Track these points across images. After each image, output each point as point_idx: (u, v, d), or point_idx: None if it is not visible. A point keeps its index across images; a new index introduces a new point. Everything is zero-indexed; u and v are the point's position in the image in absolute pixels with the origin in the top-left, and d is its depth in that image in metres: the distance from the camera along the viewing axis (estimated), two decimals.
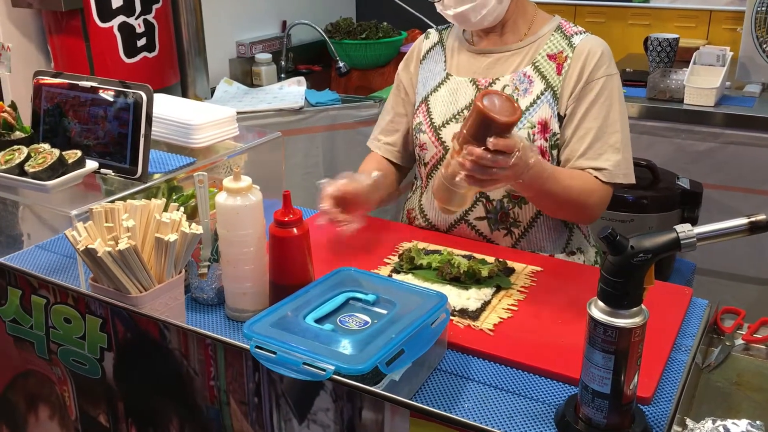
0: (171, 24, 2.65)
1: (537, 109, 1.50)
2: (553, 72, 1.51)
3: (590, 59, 1.50)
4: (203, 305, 1.32)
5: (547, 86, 1.51)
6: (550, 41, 1.54)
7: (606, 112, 1.49)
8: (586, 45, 1.51)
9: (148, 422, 1.18)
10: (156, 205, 1.18)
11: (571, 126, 1.50)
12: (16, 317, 1.23)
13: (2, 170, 1.36)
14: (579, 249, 1.61)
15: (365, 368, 0.92)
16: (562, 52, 1.52)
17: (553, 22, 1.58)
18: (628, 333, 0.91)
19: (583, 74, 1.50)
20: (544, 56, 1.53)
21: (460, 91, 1.58)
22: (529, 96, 1.51)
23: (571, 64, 1.51)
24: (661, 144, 2.62)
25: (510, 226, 1.56)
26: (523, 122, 1.50)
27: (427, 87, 1.64)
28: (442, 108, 1.59)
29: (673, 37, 2.87)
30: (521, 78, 1.53)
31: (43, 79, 1.50)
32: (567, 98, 1.50)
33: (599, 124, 1.49)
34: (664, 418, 1.02)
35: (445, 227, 1.62)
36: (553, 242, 1.58)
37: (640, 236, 0.91)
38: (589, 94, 1.49)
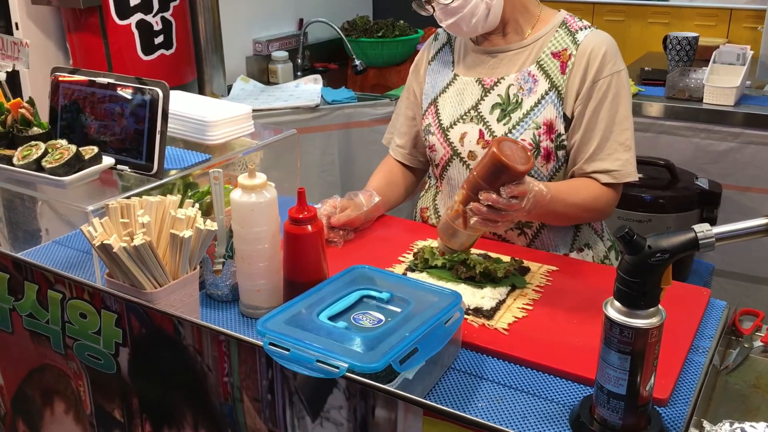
0: (188, 22, 2.67)
1: (542, 110, 1.49)
2: (557, 71, 1.50)
3: (594, 58, 1.48)
4: (218, 302, 1.32)
5: (551, 86, 1.50)
6: (555, 38, 1.52)
7: (614, 110, 1.48)
8: (589, 43, 1.49)
9: (162, 418, 1.18)
10: (171, 202, 1.19)
11: (580, 128, 1.49)
12: (32, 312, 1.24)
13: (20, 165, 1.37)
14: (587, 245, 1.60)
15: (379, 366, 0.92)
16: (566, 50, 1.50)
17: (557, 17, 1.56)
18: (644, 333, 0.90)
19: (588, 74, 1.48)
20: (549, 54, 1.52)
21: (466, 92, 1.58)
22: (533, 96, 1.50)
23: (575, 63, 1.49)
24: (679, 144, 2.60)
25: (523, 226, 1.55)
26: (528, 123, 1.49)
27: (435, 89, 1.65)
28: (449, 109, 1.59)
29: (692, 36, 2.85)
30: (526, 77, 1.52)
31: (61, 75, 1.51)
32: (573, 99, 1.49)
33: (607, 124, 1.48)
34: (680, 420, 1.01)
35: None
36: (562, 239, 1.58)
37: (657, 236, 0.90)
38: (596, 95, 1.48)
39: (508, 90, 1.53)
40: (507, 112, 1.52)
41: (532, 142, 1.49)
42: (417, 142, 1.73)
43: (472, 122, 1.55)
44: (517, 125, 1.50)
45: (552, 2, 1.61)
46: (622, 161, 1.48)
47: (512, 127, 1.50)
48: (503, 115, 1.52)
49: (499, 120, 1.52)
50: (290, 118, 2.72)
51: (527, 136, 1.48)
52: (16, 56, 1.55)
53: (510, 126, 1.51)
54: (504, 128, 1.51)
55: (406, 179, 1.75)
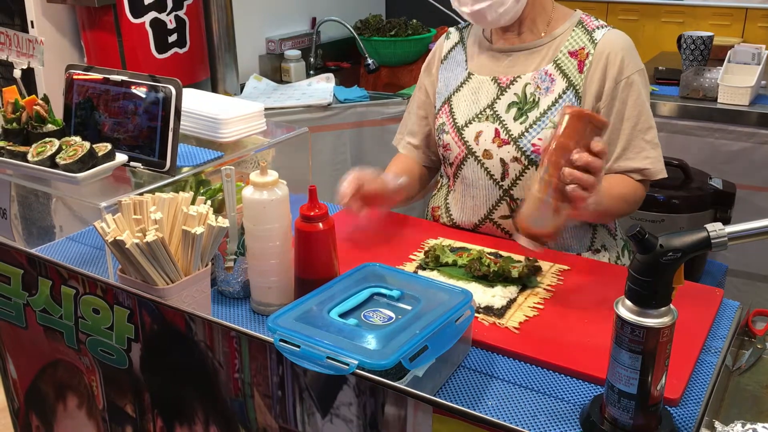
0: (202, 20, 2.68)
1: (559, 108, 1.48)
2: (574, 70, 1.50)
3: (614, 57, 1.47)
4: (229, 298, 1.32)
5: (569, 85, 1.49)
6: (572, 37, 1.52)
7: (639, 109, 1.48)
8: (608, 42, 1.49)
9: (173, 413, 1.19)
10: (184, 199, 1.19)
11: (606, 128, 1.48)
12: (46, 307, 1.25)
13: (34, 162, 1.39)
14: (603, 246, 1.60)
15: (389, 363, 0.92)
16: (583, 49, 1.50)
17: (573, 17, 1.55)
18: (656, 333, 0.90)
19: (608, 74, 1.47)
20: (566, 53, 1.51)
21: (482, 90, 1.57)
22: (551, 95, 1.50)
23: (593, 62, 1.48)
24: (693, 143, 2.58)
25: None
26: (545, 122, 1.49)
27: (449, 87, 1.63)
28: (464, 108, 1.58)
29: (707, 35, 2.83)
30: (543, 76, 1.51)
31: (75, 72, 1.52)
32: (592, 98, 1.49)
33: (633, 124, 1.48)
34: (692, 420, 1.01)
35: (470, 227, 1.61)
36: (579, 241, 1.57)
37: (669, 235, 0.89)
38: (620, 95, 1.48)
39: (524, 89, 1.52)
40: (524, 111, 1.51)
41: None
42: (429, 141, 1.72)
43: (488, 121, 1.54)
44: (534, 124, 1.49)
45: (566, 1, 1.60)
46: (651, 159, 1.49)
47: (529, 126, 1.50)
48: (520, 114, 1.51)
49: (515, 119, 1.51)
50: (302, 117, 2.72)
51: (544, 135, 1.48)
52: (32, 54, 1.56)
53: (527, 125, 1.50)
54: (521, 127, 1.50)
55: (421, 174, 1.74)
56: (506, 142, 1.51)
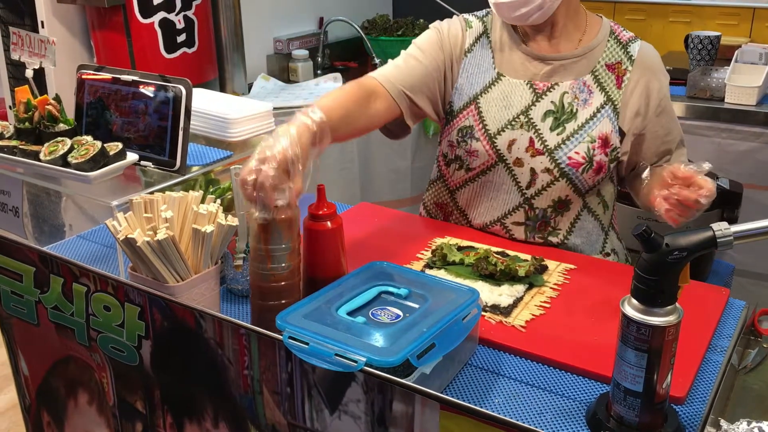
0: (210, 20, 2.69)
1: (597, 123, 1.47)
2: (612, 85, 1.48)
3: (654, 78, 1.50)
4: (238, 296, 1.33)
5: (607, 99, 1.48)
6: (608, 49, 1.50)
7: (674, 117, 1.54)
8: (645, 59, 1.50)
9: (183, 410, 1.20)
10: (193, 197, 1.20)
11: (653, 143, 1.52)
12: (57, 304, 1.26)
13: (47, 161, 1.40)
14: (613, 250, 1.60)
15: (396, 360, 0.93)
16: (620, 63, 1.49)
17: (604, 27, 1.53)
18: (661, 331, 0.90)
19: (650, 94, 1.49)
20: (603, 66, 1.49)
21: (514, 95, 1.50)
22: (588, 108, 1.48)
23: (631, 78, 1.48)
24: (700, 143, 2.58)
25: (548, 235, 1.52)
26: (583, 136, 1.47)
27: (474, 86, 1.53)
28: (495, 113, 1.50)
29: (714, 35, 2.82)
30: (581, 87, 1.49)
31: (87, 73, 1.53)
32: (632, 114, 1.49)
33: (677, 132, 1.55)
34: (697, 418, 1.01)
35: (480, 226, 1.58)
36: (591, 245, 1.56)
37: (675, 234, 0.90)
38: (665, 112, 1.51)
39: (562, 98, 1.48)
40: (561, 122, 1.47)
41: (585, 155, 1.46)
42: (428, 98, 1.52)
43: (522, 129, 1.48)
44: (572, 136, 1.47)
45: None
46: (685, 154, 1.56)
47: (566, 138, 1.47)
48: (557, 124, 1.48)
49: (552, 129, 1.48)
50: None
51: (581, 149, 1.46)
52: (43, 54, 1.57)
53: (564, 136, 1.47)
54: (557, 138, 1.47)
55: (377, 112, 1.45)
56: (540, 153, 1.47)
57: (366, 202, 1.78)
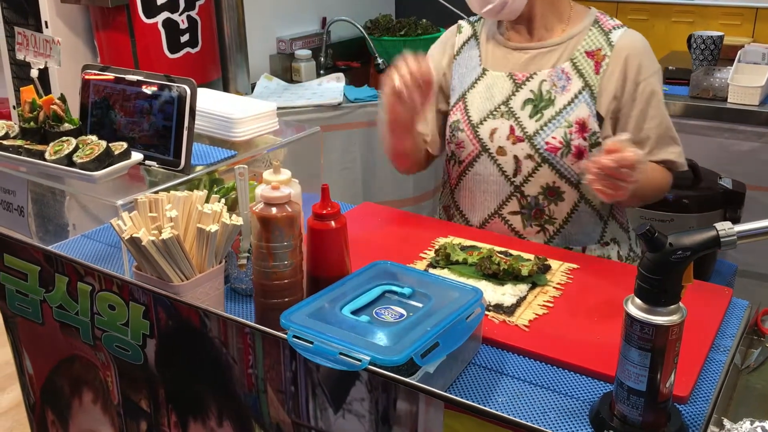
0: (213, 20, 2.70)
1: (575, 108, 1.50)
2: (591, 70, 1.51)
3: (633, 59, 1.50)
4: (242, 295, 1.34)
5: (585, 85, 1.51)
6: (588, 37, 1.54)
7: (662, 108, 1.53)
8: (626, 44, 1.51)
9: (187, 408, 1.20)
10: (198, 197, 1.21)
11: (629, 128, 1.51)
12: (62, 303, 1.27)
13: (52, 161, 1.41)
14: (613, 240, 1.61)
15: (400, 359, 0.93)
16: (600, 50, 1.52)
17: (589, 16, 1.57)
18: (665, 331, 0.90)
19: (627, 76, 1.50)
20: (582, 53, 1.53)
21: (496, 87, 1.57)
22: (567, 94, 1.51)
23: (611, 63, 1.50)
24: (703, 143, 2.58)
25: (544, 223, 1.56)
26: (560, 121, 1.50)
27: (463, 83, 1.63)
28: (479, 104, 1.58)
29: (717, 35, 2.82)
30: (559, 74, 1.53)
31: (92, 72, 1.54)
32: (609, 98, 1.50)
33: (659, 122, 1.52)
34: (700, 417, 1.01)
35: (479, 222, 1.62)
36: (587, 235, 1.58)
37: (679, 233, 0.90)
38: (642, 96, 1.51)
39: (540, 86, 1.53)
40: (539, 109, 1.52)
41: (562, 140, 1.50)
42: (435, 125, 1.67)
43: (503, 117, 1.55)
44: (549, 122, 1.51)
45: (580, 0, 1.61)
46: (676, 152, 1.55)
47: (544, 124, 1.51)
48: (535, 111, 1.52)
49: (531, 116, 1.53)
50: (313, 116, 2.74)
51: (558, 134, 1.50)
52: (48, 54, 1.58)
53: (542, 123, 1.51)
54: (536, 125, 1.52)
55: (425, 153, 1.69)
56: (521, 140, 1.53)
57: (369, 202, 1.79)
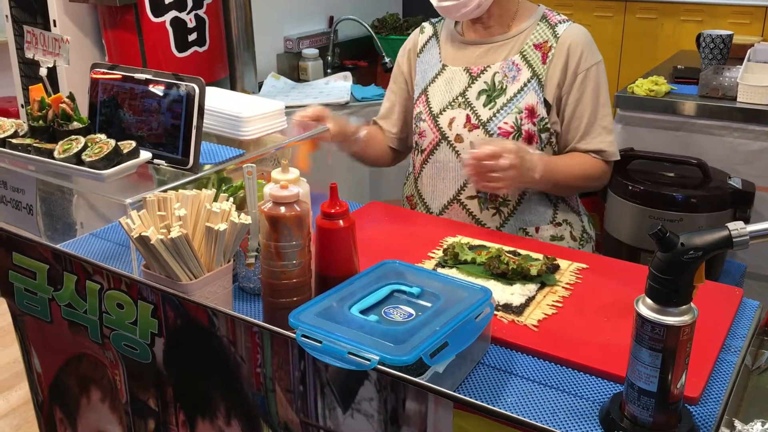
0: (221, 19, 2.70)
1: (524, 96, 1.62)
2: (538, 61, 1.64)
3: (573, 51, 1.62)
4: (250, 294, 1.34)
5: (533, 74, 1.63)
6: (536, 31, 1.66)
7: (596, 98, 1.64)
8: (568, 36, 1.64)
9: (195, 407, 1.20)
10: (206, 196, 1.21)
11: (566, 115, 1.65)
12: (71, 302, 1.27)
13: (61, 159, 1.41)
14: (565, 221, 1.73)
15: (409, 359, 0.93)
16: (546, 42, 1.64)
17: (537, 12, 1.69)
18: (676, 331, 0.90)
19: (568, 66, 1.62)
20: (531, 45, 1.65)
21: (455, 80, 1.70)
22: (517, 83, 1.64)
23: (555, 54, 1.63)
24: (712, 143, 2.57)
25: (499, 205, 1.67)
26: (511, 108, 1.62)
27: (425, 78, 1.76)
28: (439, 97, 1.71)
29: (726, 34, 2.81)
30: (510, 66, 1.65)
31: (100, 71, 1.54)
32: (554, 86, 1.63)
33: (591, 111, 1.64)
34: (711, 418, 1.01)
35: (439, 209, 1.72)
36: (540, 216, 1.70)
37: (690, 233, 0.90)
38: (579, 85, 1.63)
39: (493, 77, 1.66)
40: (492, 98, 1.64)
41: (513, 125, 1.62)
42: (404, 126, 1.86)
43: (460, 108, 1.67)
44: (501, 110, 1.63)
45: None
46: (607, 143, 1.66)
47: (496, 112, 1.63)
48: (489, 100, 1.65)
49: (484, 105, 1.65)
50: None
51: (510, 120, 1.62)
52: (57, 52, 1.58)
53: (494, 110, 1.63)
54: (489, 112, 1.64)
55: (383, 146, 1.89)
56: (476, 127, 1.65)
57: (376, 201, 1.79)
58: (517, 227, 1.68)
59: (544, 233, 1.69)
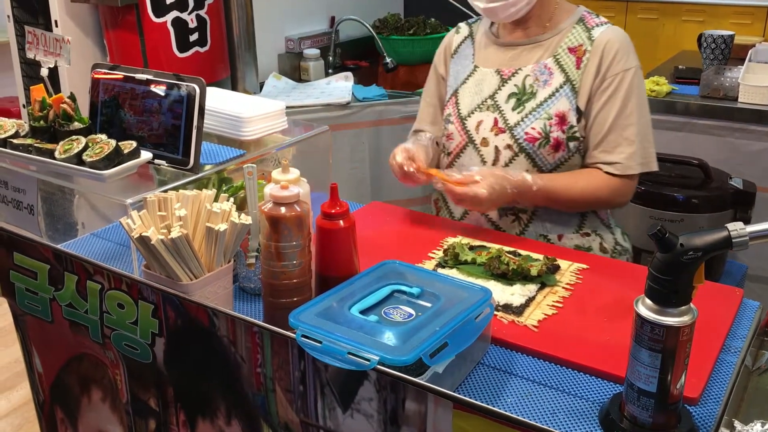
0: (222, 19, 2.70)
1: (555, 102, 1.55)
2: (572, 65, 1.56)
3: (607, 54, 1.54)
4: (250, 295, 1.34)
5: (566, 79, 1.56)
6: (572, 34, 1.59)
7: (621, 105, 1.54)
8: (603, 39, 1.55)
9: (196, 407, 1.21)
10: (207, 196, 1.21)
11: (589, 120, 1.56)
12: (72, 302, 1.27)
13: (61, 159, 1.41)
14: (594, 231, 1.65)
15: (409, 359, 0.93)
16: (581, 46, 1.57)
17: (575, 14, 1.62)
18: (676, 332, 0.90)
19: (600, 69, 1.55)
20: (565, 49, 1.58)
21: (485, 82, 1.65)
22: (548, 88, 1.57)
23: (590, 59, 1.55)
24: (713, 143, 2.57)
25: (518, 212, 1.61)
26: (540, 113, 1.56)
27: (457, 80, 1.71)
28: (468, 99, 1.66)
29: (728, 34, 2.81)
30: (542, 69, 1.58)
31: (101, 71, 1.54)
32: (587, 93, 1.55)
33: (614, 118, 1.54)
34: (711, 418, 1.01)
35: (460, 213, 1.69)
36: (564, 224, 1.62)
37: (690, 234, 0.90)
38: (607, 90, 1.54)
39: (524, 80, 1.59)
40: (522, 102, 1.58)
41: (541, 131, 1.55)
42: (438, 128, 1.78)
43: (488, 111, 1.62)
44: (530, 114, 1.57)
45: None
46: (625, 155, 1.54)
47: (525, 116, 1.57)
48: (518, 104, 1.59)
49: (513, 109, 1.59)
50: (321, 115, 2.74)
51: (538, 125, 1.55)
52: (58, 53, 1.58)
53: (523, 115, 1.57)
54: (517, 117, 1.58)
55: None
56: (502, 131, 1.59)
57: (377, 201, 1.79)
58: (537, 234, 1.61)
59: (567, 242, 1.61)
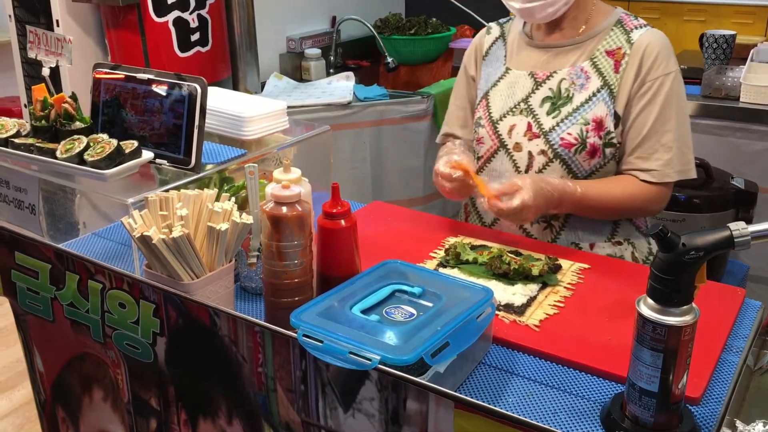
0: (224, 19, 2.70)
1: (592, 107, 1.50)
2: (610, 69, 1.51)
3: (647, 58, 1.49)
4: (251, 294, 1.34)
5: (604, 84, 1.51)
6: (610, 36, 1.54)
7: (659, 111, 1.49)
8: (643, 42, 1.50)
9: (197, 406, 1.21)
10: (208, 195, 1.21)
11: (626, 125, 1.51)
12: (73, 301, 1.27)
13: (63, 159, 1.41)
14: (627, 240, 1.60)
15: (410, 359, 0.93)
16: (620, 49, 1.52)
17: (613, 15, 1.57)
18: (677, 331, 0.90)
19: (639, 73, 1.50)
20: (603, 52, 1.53)
21: (518, 85, 1.59)
22: (585, 92, 1.52)
23: (629, 62, 1.50)
24: (715, 143, 2.56)
25: (550, 219, 1.56)
26: (577, 118, 1.51)
27: (488, 82, 1.66)
28: (500, 102, 1.60)
29: (729, 34, 2.80)
30: (578, 73, 1.53)
31: (102, 71, 1.54)
32: (625, 97, 1.50)
33: (652, 123, 1.49)
34: (713, 418, 1.01)
35: (491, 220, 1.64)
36: (596, 232, 1.57)
37: (692, 233, 0.90)
38: (646, 95, 1.49)
39: (559, 84, 1.54)
40: (557, 106, 1.53)
41: (578, 137, 1.50)
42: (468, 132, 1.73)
43: (522, 114, 1.57)
44: (566, 119, 1.52)
45: None
46: (662, 161, 1.50)
47: (560, 121, 1.52)
48: (553, 108, 1.54)
49: (548, 113, 1.54)
50: (323, 115, 2.74)
51: (574, 131, 1.50)
52: (60, 52, 1.58)
53: (558, 119, 1.52)
54: (552, 121, 1.53)
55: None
56: (536, 136, 1.54)
57: (379, 201, 1.79)
58: (569, 242, 1.57)
59: (599, 251, 1.56)
